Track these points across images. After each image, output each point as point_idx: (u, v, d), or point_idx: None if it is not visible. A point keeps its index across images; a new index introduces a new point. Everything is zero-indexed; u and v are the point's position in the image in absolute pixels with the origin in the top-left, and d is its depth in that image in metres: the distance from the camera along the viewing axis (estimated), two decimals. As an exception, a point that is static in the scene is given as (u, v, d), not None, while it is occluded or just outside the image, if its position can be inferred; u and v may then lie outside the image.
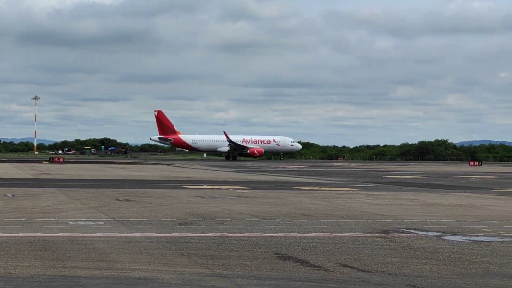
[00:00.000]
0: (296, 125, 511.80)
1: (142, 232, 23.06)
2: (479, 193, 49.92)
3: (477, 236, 23.50)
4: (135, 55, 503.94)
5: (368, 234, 23.51)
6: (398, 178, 78.18)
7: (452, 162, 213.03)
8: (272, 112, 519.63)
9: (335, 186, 57.13)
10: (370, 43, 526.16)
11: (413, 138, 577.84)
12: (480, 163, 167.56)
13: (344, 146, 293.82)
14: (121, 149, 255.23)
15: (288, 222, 27.11)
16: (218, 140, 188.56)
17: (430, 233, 24.05)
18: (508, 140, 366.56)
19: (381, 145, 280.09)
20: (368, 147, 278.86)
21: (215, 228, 24.65)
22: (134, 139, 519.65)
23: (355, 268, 16.65)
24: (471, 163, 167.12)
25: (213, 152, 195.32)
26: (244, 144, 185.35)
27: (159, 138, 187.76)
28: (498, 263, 17.60)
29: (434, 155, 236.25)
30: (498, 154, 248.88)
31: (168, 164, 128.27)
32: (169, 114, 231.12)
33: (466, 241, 22.18)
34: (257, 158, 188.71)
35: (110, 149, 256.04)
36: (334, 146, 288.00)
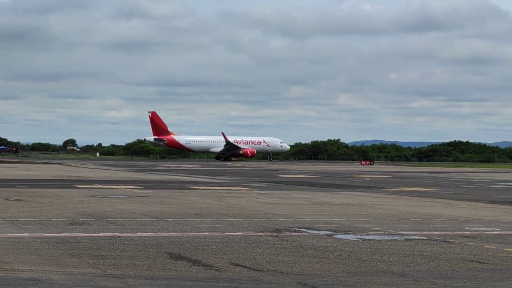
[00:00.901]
0: (190, 124, 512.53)
1: (32, 232, 22.56)
2: (370, 192, 50.82)
3: (368, 234, 23.87)
4: (27, 53, 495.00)
5: (261, 233, 23.59)
6: (291, 178, 78.89)
7: (345, 161, 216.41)
8: (166, 111, 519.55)
9: (229, 186, 57.23)
10: (263, 43, 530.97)
11: (306, 138, 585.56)
12: (371, 163, 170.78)
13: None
14: (11, 148, 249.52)
15: (180, 222, 26.98)
16: (211, 141, 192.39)
17: (322, 232, 24.31)
18: (399, 140, 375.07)
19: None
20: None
21: (107, 228, 24.33)
22: (25, 138, 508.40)
23: (247, 267, 16.67)
24: (363, 162, 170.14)
25: (206, 153, 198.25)
26: (236, 145, 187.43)
27: (154, 139, 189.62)
28: (388, 261, 17.90)
29: (326, 155, 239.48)
30: (389, 154, 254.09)
31: (60, 164, 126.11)
32: (61, 113, 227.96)
33: (357, 239, 22.50)
34: (248, 159, 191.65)
35: (0, 148, 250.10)
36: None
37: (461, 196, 48.09)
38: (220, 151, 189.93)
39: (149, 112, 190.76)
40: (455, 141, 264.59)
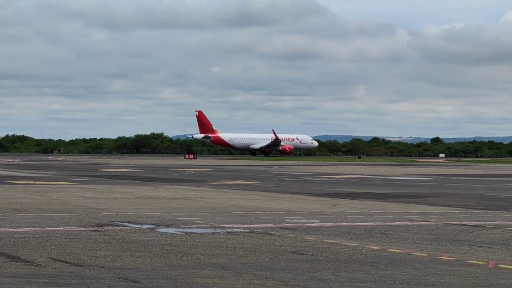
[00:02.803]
0: (10, 117, 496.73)
1: None
2: (194, 186, 51.04)
3: (190, 228, 23.95)
4: None
5: (82, 228, 23.21)
6: (114, 172, 78.07)
7: (169, 155, 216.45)
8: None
9: (50, 180, 55.99)
10: (84, 35, 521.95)
11: (130, 132, 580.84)
12: (195, 156, 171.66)
13: (60, 140, 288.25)
14: None
15: (-1, 217, 26.15)
16: (251, 138, 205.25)
17: (145, 226, 24.19)
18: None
19: (98, 138, 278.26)
20: (84, 140, 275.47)
21: None
22: None
23: (67, 263, 16.34)
24: (187, 156, 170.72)
25: (247, 149, 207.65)
26: (272, 142, 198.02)
27: (202, 136, 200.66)
28: (210, 254, 18.02)
29: (150, 148, 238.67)
30: (213, 148, 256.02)
31: None
32: None
33: (180, 233, 22.53)
34: (285, 155, 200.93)
35: None
36: (49, 140, 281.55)
37: (283, 189, 49.11)
38: (261, 147, 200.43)
39: (196, 111, 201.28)
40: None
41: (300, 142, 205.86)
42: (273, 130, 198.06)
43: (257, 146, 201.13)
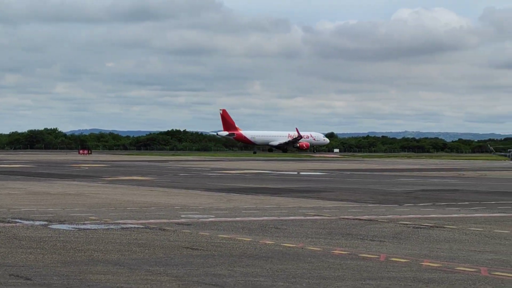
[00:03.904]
0: None
1: None
2: (88, 182, 50.42)
3: (84, 224, 23.64)
4: None
5: (-28, 225, 22.62)
6: (6, 168, 76.44)
7: (63, 150, 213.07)
8: None
9: None
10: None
11: (23, 127, 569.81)
12: (90, 152, 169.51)
13: None
14: None
15: None
16: (271, 136, 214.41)
17: (37, 222, 23.75)
18: (117, 129, 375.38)
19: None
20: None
21: None
22: None
23: (-45, 261, 15.91)
24: (81, 151, 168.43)
25: (267, 146, 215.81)
26: (290, 139, 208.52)
27: (227, 134, 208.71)
28: (103, 250, 17.83)
29: (44, 144, 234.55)
30: (108, 143, 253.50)
31: None
32: None
33: (73, 229, 22.22)
34: (303, 151, 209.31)
35: None
36: None
37: (178, 184, 48.99)
38: (279, 143, 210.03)
39: (220, 109, 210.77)
40: (172, 130, 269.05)
41: (314, 139, 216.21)
42: (296, 128, 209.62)
43: (276, 143, 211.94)
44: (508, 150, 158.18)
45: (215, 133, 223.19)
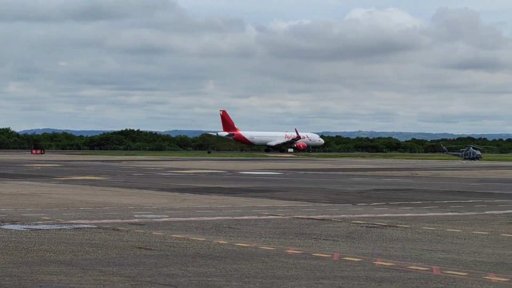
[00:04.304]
0: None
1: None
2: (41, 182, 49.95)
3: (36, 224, 23.40)
4: None
5: None
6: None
7: (15, 150, 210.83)
8: None
9: None
10: None
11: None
12: (43, 151, 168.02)
13: None
14: None
15: None
16: (268, 136, 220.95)
17: (-12, 223, 23.46)
18: (71, 129, 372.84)
19: None
20: None
21: None
22: None
23: None
24: (34, 151, 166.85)
25: (264, 146, 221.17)
26: (287, 140, 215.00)
27: (227, 134, 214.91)
28: (55, 251, 17.67)
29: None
30: (61, 143, 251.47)
31: None
32: None
33: (25, 229, 21.99)
34: (299, 151, 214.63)
35: None
36: None
37: (132, 184, 48.73)
38: (277, 144, 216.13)
39: (220, 110, 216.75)
40: (126, 129, 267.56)
41: (310, 140, 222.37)
42: (295, 129, 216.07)
43: (273, 143, 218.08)
44: (461, 149, 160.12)
45: (215, 133, 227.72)
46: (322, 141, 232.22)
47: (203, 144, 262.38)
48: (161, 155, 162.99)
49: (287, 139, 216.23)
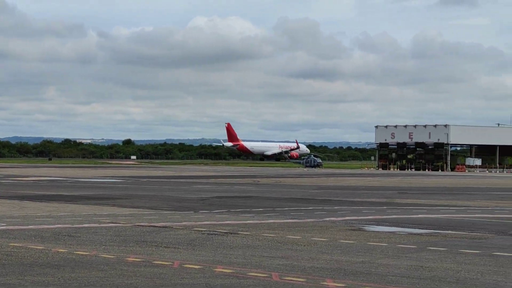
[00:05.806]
0: None
1: None
2: None
3: None
4: None
5: None
6: None
7: None
8: None
9: None
10: None
11: None
12: None
13: None
14: None
15: None
16: (266, 146, 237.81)
17: None
18: None
19: None
20: None
21: None
22: None
23: None
24: None
25: (262, 155, 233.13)
26: (280, 150, 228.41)
27: (231, 144, 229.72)
28: None
29: None
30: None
31: None
32: None
33: None
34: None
35: None
36: None
37: (-32, 191, 47.07)
38: (273, 153, 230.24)
39: (225, 123, 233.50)
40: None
41: (300, 149, 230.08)
42: (296, 140, 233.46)
43: (269, 153, 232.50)
44: (302, 157, 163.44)
45: (221, 144, 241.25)
46: (308, 150, 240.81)
47: (44, 150, 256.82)
48: (0, 162, 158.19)
49: (280, 149, 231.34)
